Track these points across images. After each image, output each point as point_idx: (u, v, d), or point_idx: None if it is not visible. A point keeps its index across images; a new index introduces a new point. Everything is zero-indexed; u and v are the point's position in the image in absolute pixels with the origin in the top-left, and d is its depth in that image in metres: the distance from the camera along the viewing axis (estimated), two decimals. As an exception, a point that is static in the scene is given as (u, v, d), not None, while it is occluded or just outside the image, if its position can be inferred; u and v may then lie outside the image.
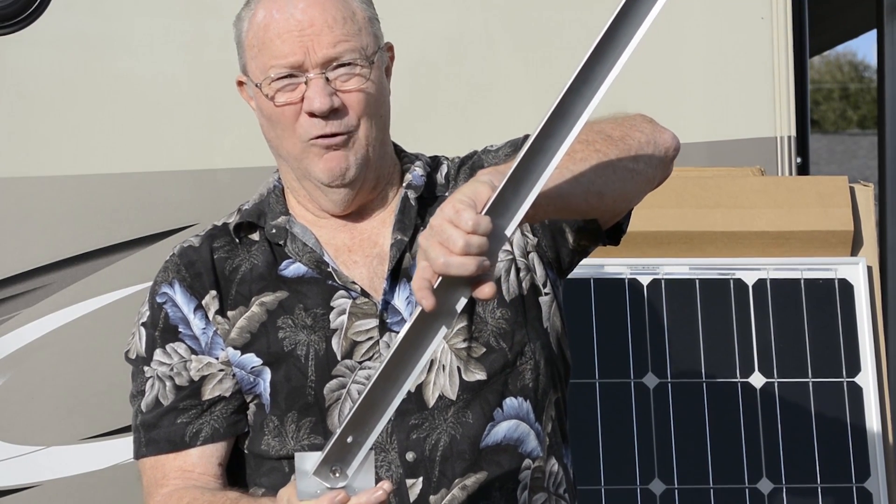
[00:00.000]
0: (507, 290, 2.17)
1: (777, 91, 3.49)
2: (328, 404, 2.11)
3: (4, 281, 3.28)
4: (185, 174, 3.35)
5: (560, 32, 3.47)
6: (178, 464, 2.15)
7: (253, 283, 2.17)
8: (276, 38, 2.09)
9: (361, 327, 2.13)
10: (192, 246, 2.21)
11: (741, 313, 3.15)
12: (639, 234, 3.13)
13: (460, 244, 1.69)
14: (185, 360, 2.16)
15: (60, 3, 3.30)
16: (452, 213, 1.72)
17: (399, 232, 2.17)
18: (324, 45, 2.08)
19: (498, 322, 2.15)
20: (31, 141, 3.32)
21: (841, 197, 3.21)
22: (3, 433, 3.28)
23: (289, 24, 2.09)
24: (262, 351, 2.13)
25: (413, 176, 2.21)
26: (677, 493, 3.06)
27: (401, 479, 2.09)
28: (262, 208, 2.21)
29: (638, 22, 1.78)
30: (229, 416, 2.16)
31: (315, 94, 2.08)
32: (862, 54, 42.66)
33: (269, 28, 2.10)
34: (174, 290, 2.18)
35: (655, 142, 2.08)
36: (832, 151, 21.71)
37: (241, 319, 2.15)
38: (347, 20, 2.10)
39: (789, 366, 3.13)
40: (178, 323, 2.17)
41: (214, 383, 2.15)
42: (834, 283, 3.17)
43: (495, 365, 2.13)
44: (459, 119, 3.44)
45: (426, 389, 2.12)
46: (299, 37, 2.08)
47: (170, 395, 2.15)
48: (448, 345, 2.13)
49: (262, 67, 2.11)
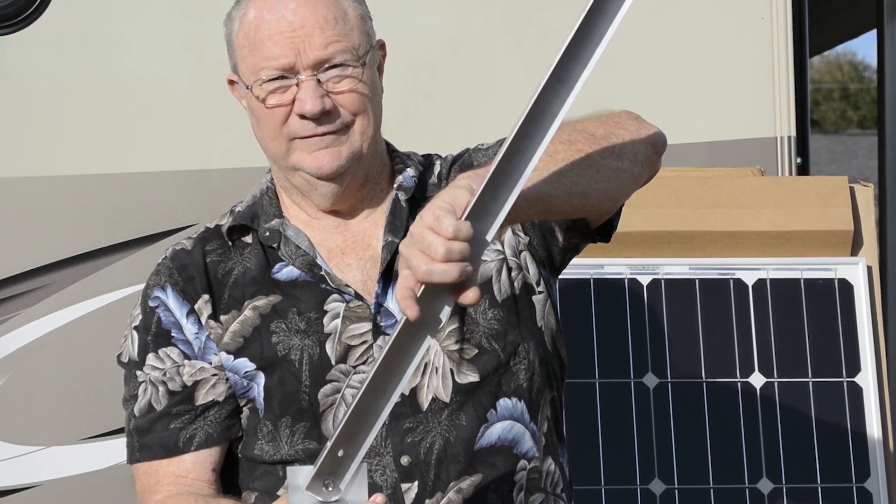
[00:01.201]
0: (499, 289, 2.16)
1: (777, 91, 3.49)
2: (322, 409, 2.10)
3: (4, 281, 3.28)
4: (185, 174, 3.35)
5: (560, 32, 3.47)
6: (171, 469, 2.14)
7: (246, 287, 2.16)
8: (266, 39, 2.07)
9: (355, 331, 2.13)
10: (185, 249, 2.20)
11: (741, 313, 3.14)
12: (639, 234, 3.13)
13: (441, 251, 1.68)
14: (178, 365, 2.15)
15: (60, 3, 3.30)
16: (432, 220, 1.71)
17: (390, 234, 2.16)
18: (315, 47, 2.06)
19: (490, 323, 2.15)
20: (31, 141, 3.32)
21: (841, 197, 3.21)
22: (3, 433, 3.28)
23: (279, 26, 2.07)
24: (255, 356, 2.13)
25: (404, 177, 2.20)
26: (677, 493, 3.06)
27: (396, 483, 2.09)
28: (255, 210, 2.20)
29: (610, 18, 1.76)
30: (223, 420, 2.15)
31: (307, 95, 2.07)
32: (862, 54, 42.66)
33: (260, 29, 2.08)
34: (167, 294, 2.17)
35: (641, 139, 2.06)
36: (832, 151, 21.71)
37: (234, 324, 2.14)
38: (339, 20, 2.09)
39: (789, 366, 3.13)
40: (171, 328, 2.16)
41: (208, 388, 2.14)
42: (834, 283, 3.17)
43: (488, 366, 2.13)
44: (459, 119, 3.44)
45: (420, 392, 2.11)
46: (290, 38, 2.06)
47: (163, 400, 2.15)
48: (440, 347, 2.12)
49: (253, 69, 2.10)
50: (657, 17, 3.51)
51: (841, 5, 6.06)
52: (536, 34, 3.46)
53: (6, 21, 3.29)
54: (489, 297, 2.15)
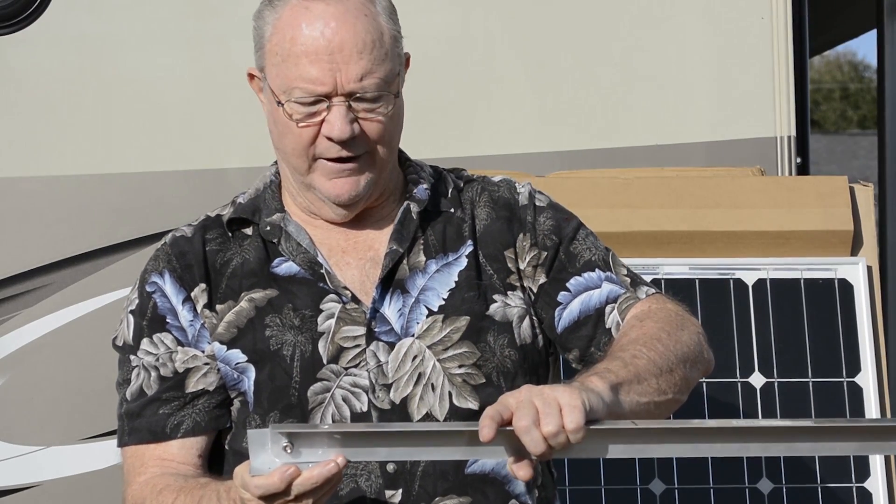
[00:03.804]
0: (519, 335, 2.18)
1: (777, 91, 3.49)
2: (311, 407, 2.11)
3: (4, 281, 3.28)
4: (186, 174, 3.35)
5: (560, 32, 3.47)
6: (157, 453, 2.16)
7: (244, 279, 2.16)
8: (303, 56, 2.06)
9: (349, 333, 2.13)
10: (185, 236, 2.21)
11: (741, 313, 3.14)
12: (639, 234, 3.13)
13: (550, 430, 1.76)
14: (171, 352, 2.16)
15: (60, 3, 3.30)
16: (569, 403, 1.77)
17: (396, 242, 2.17)
18: (351, 78, 2.06)
19: (504, 360, 2.16)
20: (31, 141, 3.32)
21: (841, 197, 3.21)
22: (3, 433, 3.28)
23: (317, 44, 2.05)
24: (247, 348, 2.13)
25: (418, 189, 2.22)
26: (677, 493, 3.06)
27: (380, 489, 2.10)
28: (257, 204, 2.21)
29: None
30: (211, 410, 2.16)
31: (337, 119, 2.07)
32: (862, 54, 42.64)
33: (297, 42, 2.06)
34: (164, 280, 2.18)
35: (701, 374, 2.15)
36: (832, 151, 21.71)
37: (230, 314, 2.15)
38: (376, 44, 2.08)
39: (789, 366, 3.13)
40: (167, 314, 2.16)
41: (199, 376, 2.15)
42: (834, 283, 3.16)
43: (490, 400, 2.10)
44: (459, 119, 3.44)
45: (411, 403, 2.12)
46: (329, 62, 2.05)
47: (154, 386, 2.16)
48: (441, 367, 2.13)
49: (285, 84, 2.08)
50: (657, 17, 3.51)
51: (841, 5, 6.05)
52: (537, 35, 3.46)
53: (6, 21, 3.29)
54: (508, 337, 2.17)
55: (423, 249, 2.19)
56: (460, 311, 2.15)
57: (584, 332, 2.20)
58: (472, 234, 2.21)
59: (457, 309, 2.15)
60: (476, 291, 2.17)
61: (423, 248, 2.19)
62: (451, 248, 2.20)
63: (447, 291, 2.17)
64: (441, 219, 2.22)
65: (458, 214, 2.23)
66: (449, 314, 2.15)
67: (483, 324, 2.16)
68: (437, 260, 2.19)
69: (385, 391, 2.11)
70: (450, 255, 2.19)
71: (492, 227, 2.21)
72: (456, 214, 2.23)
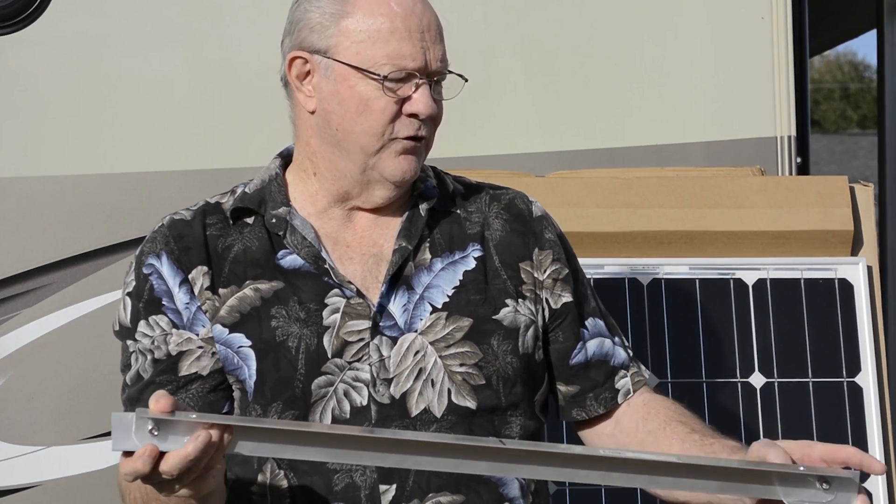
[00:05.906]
0: (523, 343, 2.20)
1: (777, 91, 3.49)
2: (314, 400, 2.11)
3: (4, 281, 3.28)
4: (185, 174, 3.35)
5: (560, 32, 3.47)
6: None
7: (248, 267, 2.16)
8: (398, 32, 2.11)
9: (354, 327, 2.14)
10: (184, 219, 2.21)
11: (741, 313, 3.14)
12: (639, 234, 3.13)
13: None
14: (166, 334, 2.16)
15: (60, 3, 3.30)
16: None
17: (404, 239, 2.18)
18: (437, 57, 2.15)
19: (505, 366, 2.17)
20: (32, 141, 3.32)
21: (841, 197, 3.21)
22: (3, 433, 3.28)
23: (410, 22, 2.12)
24: (252, 335, 2.13)
25: (426, 186, 2.24)
26: None
27: (374, 483, 2.10)
28: (262, 195, 2.21)
29: None
30: (205, 395, 2.15)
31: (424, 97, 2.13)
32: (862, 54, 42.64)
33: (390, 19, 2.11)
34: (161, 261, 2.18)
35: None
36: (832, 151, 21.72)
37: (233, 299, 2.15)
38: (442, 30, 2.19)
39: (789, 366, 3.13)
40: (162, 296, 2.16)
41: (192, 360, 2.15)
42: (834, 283, 3.16)
43: (487, 402, 2.15)
44: (459, 119, 3.44)
45: (410, 397, 2.13)
46: (421, 41, 2.12)
47: (149, 369, 2.16)
48: (442, 363, 2.14)
49: (372, 58, 2.11)
50: (657, 17, 3.51)
51: (841, 5, 6.06)
52: (537, 35, 3.46)
53: (6, 21, 3.29)
54: (512, 344, 2.18)
55: (430, 247, 2.21)
56: (465, 311, 2.17)
57: (593, 375, 2.27)
58: (481, 238, 2.24)
59: (461, 309, 2.17)
60: (483, 295, 2.19)
61: (430, 246, 2.21)
62: (457, 247, 2.22)
63: (452, 289, 2.18)
64: (447, 218, 2.24)
65: (462, 214, 2.25)
66: (453, 312, 2.16)
67: (488, 327, 2.17)
68: (442, 258, 2.20)
69: (386, 385, 2.12)
70: (456, 254, 2.21)
71: (507, 239, 2.25)
72: (461, 214, 2.25)
